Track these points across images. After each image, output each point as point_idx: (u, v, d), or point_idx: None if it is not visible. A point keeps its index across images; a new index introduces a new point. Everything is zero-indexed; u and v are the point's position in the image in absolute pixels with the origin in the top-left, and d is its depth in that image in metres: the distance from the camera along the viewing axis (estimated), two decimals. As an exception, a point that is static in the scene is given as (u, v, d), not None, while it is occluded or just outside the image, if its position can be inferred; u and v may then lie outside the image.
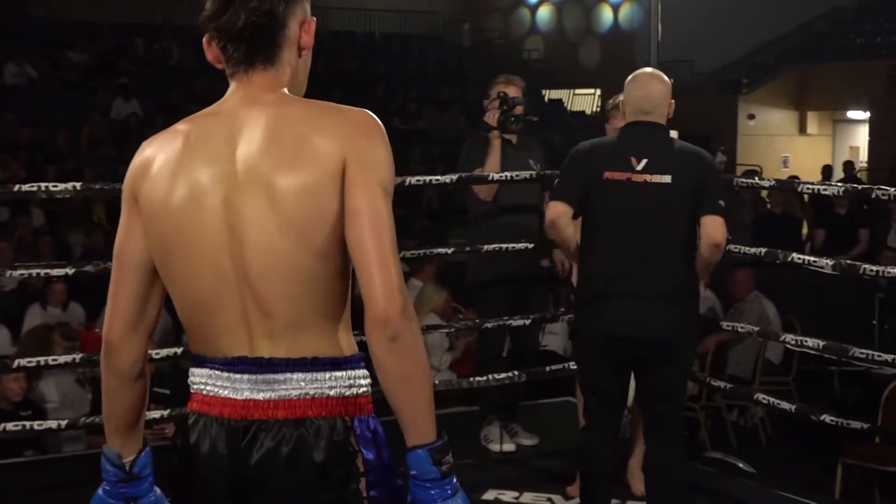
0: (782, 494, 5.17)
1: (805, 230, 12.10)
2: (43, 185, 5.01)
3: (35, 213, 11.98)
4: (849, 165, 16.86)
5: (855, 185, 4.99)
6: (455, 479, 2.05)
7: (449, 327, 6.28)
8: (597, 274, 4.25)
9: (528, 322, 5.66)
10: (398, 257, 2.02)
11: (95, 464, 2.10)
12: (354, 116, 2.10)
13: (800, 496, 5.12)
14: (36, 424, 5.17)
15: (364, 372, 2.12)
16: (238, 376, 2.08)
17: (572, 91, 21.43)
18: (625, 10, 20.91)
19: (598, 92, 19.32)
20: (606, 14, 21.71)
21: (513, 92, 5.51)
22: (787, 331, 7.76)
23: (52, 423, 5.29)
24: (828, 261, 4.96)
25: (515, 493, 5.11)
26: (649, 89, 4.29)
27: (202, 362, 2.13)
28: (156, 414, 5.44)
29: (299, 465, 2.04)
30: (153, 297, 2.18)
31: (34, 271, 5.48)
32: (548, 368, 5.91)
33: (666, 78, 4.36)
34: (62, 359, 5.27)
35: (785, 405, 5.21)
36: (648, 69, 4.43)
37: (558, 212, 4.23)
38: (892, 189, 4.68)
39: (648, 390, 4.35)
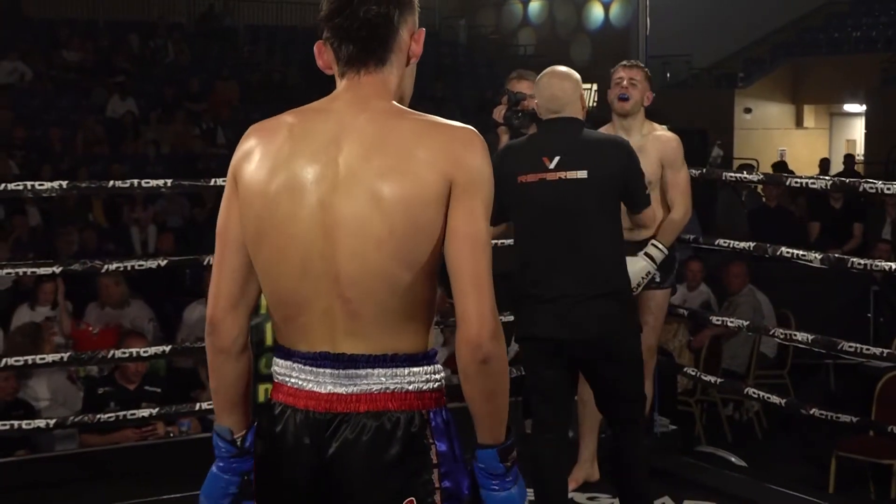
0: (774, 488, 5.14)
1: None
2: (29, 183, 5.00)
3: (31, 212, 11.96)
4: (849, 159, 16.82)
5: (843, 179, 4.99)
6: (516, 470, 2.22)
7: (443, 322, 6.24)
8: (523, 279, 4.20)
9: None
10: (492, 279, 2.13)
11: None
12: (461, 134, 2.17)
13: (793, 490, 5.10)
14: (24, 423, 5.15)
15: (439, 367, 2.22)
16: (321, 370, 2.17)
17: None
18: (616, 6, 20.86)
19: (595, 87, 19.24)
20: (598, 10, 21.66)
21: (524, 87, 5.40)
22: (782, 324, 7.79)
23: (41, 423, 5.27)
24: (816, 254, 4.95)
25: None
26: (553, 89, 4.24)
27: (288, 355, 2.22)
28: (144, 412, 5.44)
29: (377, 456, 2.13)
30: (253, 274, 2.25)
31: (21, 270, 5.47)
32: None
33: (574, 74, 4.31)
34: (49, 357, 5.25)
35: (775, 399, 5.21)
36: (557, 67, 4.34)
37: None
38: (880, 182, 4.68)
39: (598, 392, 4.32)
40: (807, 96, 20.69)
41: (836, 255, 5.15)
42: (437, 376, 2.21)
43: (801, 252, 4.95)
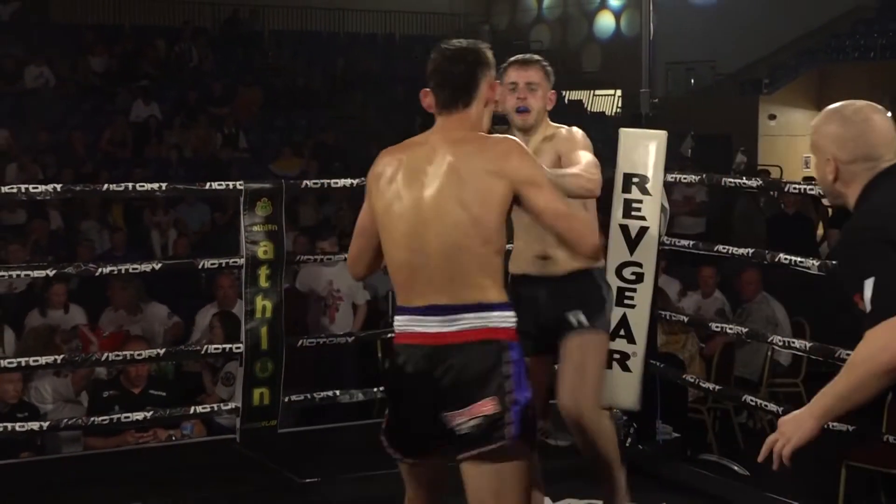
0: (777, 498, 5.06)
1: (821, 231, 11.93)
2: (23, 186, 5.04)
3: (52, 214, 12.01)
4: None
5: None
6: None
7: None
8: None
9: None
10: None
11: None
12: (505, 145, 3.17)
13: (798, 500, 5.01)
14: (18, 426, 5.16)
15: (511, 313, 3.14)
16: (429, 318, 3.10)
17: (592, 92, 21.25)
18: (626, 14, 20.73)
19: (619, 93, 19.14)
20: (608, 20, 21.56)
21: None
22: (798, 333, 7.67)
23: (35, 425, 5.30)
24: (814, 261, 4.88)
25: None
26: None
27: (404, 311, 3.15)
28: (139, 416, 5.41)
29: (472, 371, 3.06)
30: (379, 254, 3.28)
31: (15, 273, 5.47)
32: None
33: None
34: (43, 359, 5.24)
35: (772, 407, 5.11)
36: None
37: None
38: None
39: None
40: (832, 103, 20.41)
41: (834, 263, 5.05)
42: (511, 319, 3.13)
43: (798, 259, 4.87)
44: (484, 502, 3.12)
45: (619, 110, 19.39)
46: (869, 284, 2.67)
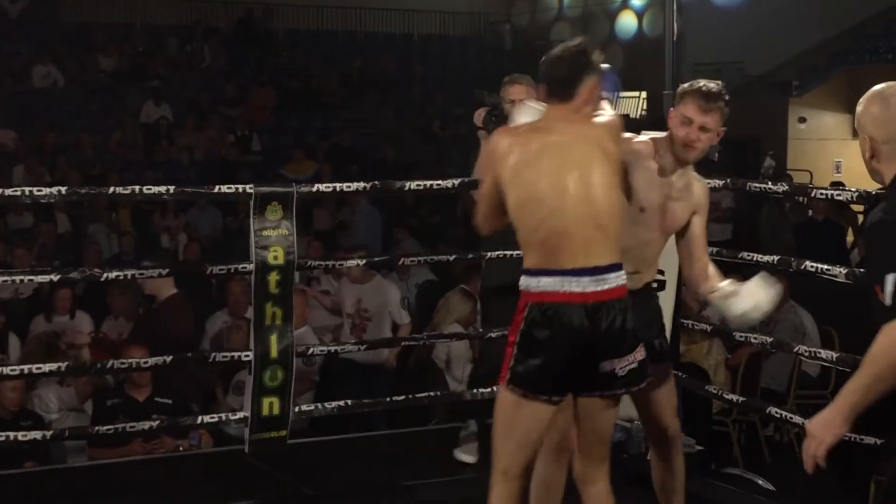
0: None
1: (851, 238, 11.69)
2: (28, 189, 4.88)
3: (59, 218, 11.88)
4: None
5: (868, 191, 4.72)
6: None
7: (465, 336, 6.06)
8: None
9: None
10: None
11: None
12: (612, 122, 3.75)
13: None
14: (20, 435, 5.01)
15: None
16: (584, 279, 3.49)
17: (616, 93, 20.96)
18: (649, 15, 20.51)
19: (644, 94, 18.86)
20: (630, 20, 21.33)
21: (517, 91, 5.25)
22: (826, 342, 7.46)
23: (38, 434, 5.16)
24: (841, 269, 4.76)
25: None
26: None
27: (550, 273, 3.51)
28: (145, 425, 5.21)
29: (622, 323, 3.53)
30: (502, 215, 3.72)
31: (19, 277, 5.31)
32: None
33: None
34: (46, 367, 5.08)
35: (799, 420, 4.99)
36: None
37: None
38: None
39: None
40: (863, 106, 20.21)
41: (862, 271, 4.85)
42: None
43: (825, 266, 4.75)
44: (605, 428, 3.73)
45: (643, 112, 19.12)
46: (891, 279, 2.82)
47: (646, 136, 4.19)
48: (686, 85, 4.17)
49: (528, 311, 3.53)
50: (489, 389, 5.21)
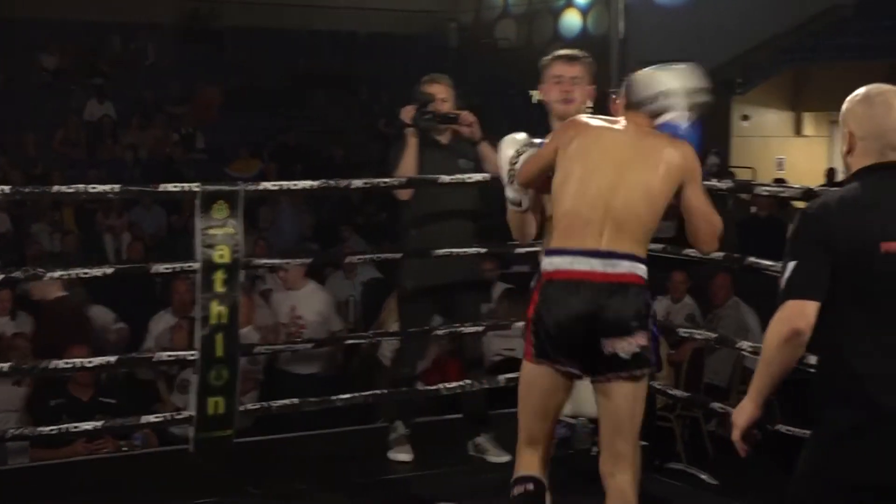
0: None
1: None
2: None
3: (1, 217, 11.74)
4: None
5: (810, 187, 4.78)
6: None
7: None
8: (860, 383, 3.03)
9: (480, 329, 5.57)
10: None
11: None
12: (679, 146, 3.89)
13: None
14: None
15: (645, 268, 3.73)
16: (594, 260, 3.65)
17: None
18: (594, 13, 20.57)
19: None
20: (574, 18, 21.39)
21: (436, 90, 5.35)
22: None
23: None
24: None
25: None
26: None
27: (563, 252, 3.70)
28: (88, 425, 5.17)
29: (627, 306, 3.65)
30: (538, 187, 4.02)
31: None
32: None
33: None
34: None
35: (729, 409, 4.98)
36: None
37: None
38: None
39: None
40: (807, 103, 20.34)
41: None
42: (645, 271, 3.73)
43: (770, 263, 4.77)
44: (621, 414, 3.76)
45: (588, 109, 19.22)
46: (790, 267, 3.02)
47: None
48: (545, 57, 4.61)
49: (542, 289, 3.72)
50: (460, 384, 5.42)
